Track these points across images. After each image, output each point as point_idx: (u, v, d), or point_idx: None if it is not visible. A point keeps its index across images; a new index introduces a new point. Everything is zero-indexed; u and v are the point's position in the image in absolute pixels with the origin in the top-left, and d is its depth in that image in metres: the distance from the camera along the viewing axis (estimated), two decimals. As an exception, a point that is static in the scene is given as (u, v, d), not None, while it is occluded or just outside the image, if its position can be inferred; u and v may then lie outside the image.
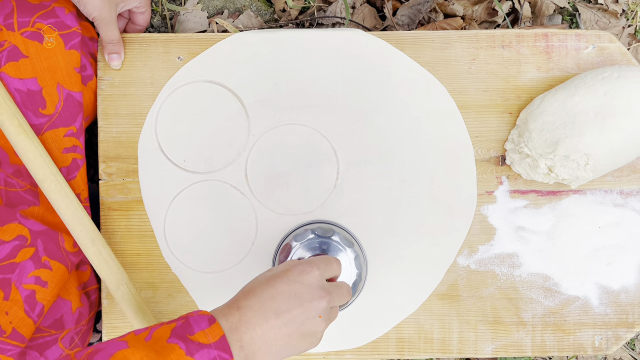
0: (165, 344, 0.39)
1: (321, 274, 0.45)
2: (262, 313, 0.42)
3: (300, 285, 0.43)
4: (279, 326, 0.42)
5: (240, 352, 0.41)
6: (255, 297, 0.42)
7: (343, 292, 0.47)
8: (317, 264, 0.45)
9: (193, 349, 0.39)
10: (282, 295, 0.42)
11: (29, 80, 0.56)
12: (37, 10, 0.57)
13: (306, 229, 0.58)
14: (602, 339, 0.63)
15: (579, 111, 0.58)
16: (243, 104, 0.63)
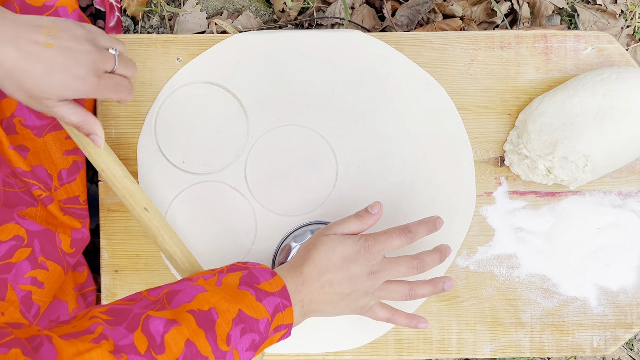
0: (237, 290, 0.45)
1: (374, 256, 0.51)
2: (320, 281, 0.50)
3: (353, 265, 0.50)
4: (331, 293, 0.50)
5: (301, 310, 0.49)
6: (316, 267, 0.50)
7: (398, 270, 0.52)
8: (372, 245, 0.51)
9: (262, 296, 0.46)
10: (338, 270, 0.50)
11: None
12: (40, 13, 0.56)
13: (305, 230, 0.58)
14: (601, 339, 0.63)
15: (578, 113, 0.58)
16: (242, 105, 0.63)
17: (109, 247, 0.63)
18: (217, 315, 0.43)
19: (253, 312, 0.45)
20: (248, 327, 0.44)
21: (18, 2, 0.56)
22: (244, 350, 0.44)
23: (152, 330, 0.40)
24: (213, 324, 0.43)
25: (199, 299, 0.44)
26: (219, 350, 0.43)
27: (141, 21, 0.75)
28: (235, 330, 0.44)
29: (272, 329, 0.46)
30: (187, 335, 0.41)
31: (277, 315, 0.46)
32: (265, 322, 0.45)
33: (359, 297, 0.51)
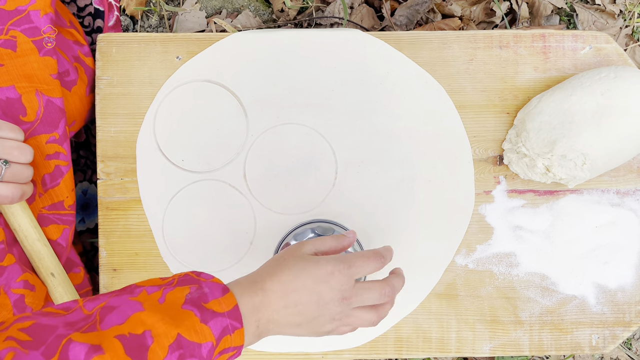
0: (179, 309, 0.41)
1: (348, 279, 0.46)
2: (283, 301, 0.44)
3: (325, 285, 0.45)
4: (294, 314, 0.45)
5: (256, 331, 0.44)
6: (281, 285, 0.45)
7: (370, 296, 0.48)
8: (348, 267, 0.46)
9: (207, 316, 0.41)
10: (306, 290, 0.45)
11: (7, 89, 0.55)
12: (12, 17, 0.55)
13: (306, 228, 0.58)
14: (599, 338, 0.63)
15: (576, 111, 0.58)
16: (242, 103, 0.63)
17: (107, 245, 0.63)
18: (152, 339, 0.39)
19: (195, 335, 0.40)
20: (187, 352, 0.39)
21: None
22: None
23: (70, 357, 0.36)
24: (145, 349, 0.38)
25: (132, 320, 0.39)
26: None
27: (140, 20, 0.75)
28: (171, 357, 0.39)
29: (216, 352, 0.41)
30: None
31: (224, 338, 0.41)
32: (209, 347, 0.40)
33: (324, 323, 0.46)
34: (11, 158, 0.50)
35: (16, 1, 0.55)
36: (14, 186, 0.51)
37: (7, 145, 0.50)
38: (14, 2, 0.55)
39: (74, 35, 0.62)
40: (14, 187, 0.51)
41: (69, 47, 0.60)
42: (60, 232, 0.58)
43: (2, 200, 0.50)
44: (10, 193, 0.50)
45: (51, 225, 0.58)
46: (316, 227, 0.58)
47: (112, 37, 0.63)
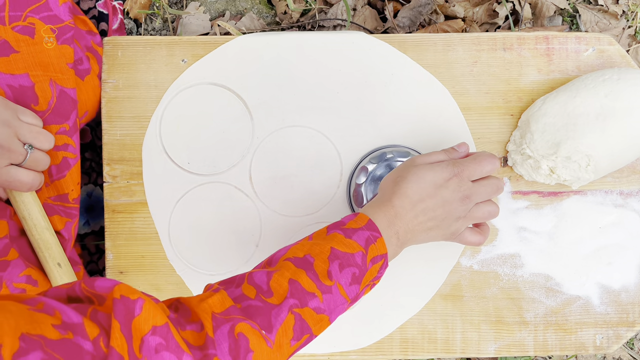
0: (325, 236, 0.48)
1: (464, 181, 0.52)
2: (413, 211, 0.50)
3: (445, 190, 0.51)
4: (424, 221, 0.51)
5: (397, 241, 0.50)
6: (407, 199, 0.50)
7: (487, 190, 0.53)
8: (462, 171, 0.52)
9: (349, 233, 0.47)
10: (430, 197, 0.50)
11: (21, 76, 0.54)
12: (30, 4, 0.55)
13: (383, 152, 0.61)
14: (603, 338, 0.64)
15: (580, 113, 0.58)
16: (247, 106, 0.63)
17: (113, 248, 0.63)
18: (313, 258, 0.45)
19: (345, 247, 0.46)
20: (344, 261, 0.45)
21: None
22: (347, 284, 0.45)
23: (257, 281, 0.43)
24: (310, 264, 0.45)
25: (292, 250, 0.47)
26: (323, 285, 0.44)
27: (144, 23, 0.75)
28: (333, 265, 0.45)
29: (368, 260, 0.47)
30: (288, 276, 0.44)
31: (370, 247, 0.47)
32: (361, 255, 0.46)
33: (451, 222, 0.52)
34: (36, 143, 0.51)
35: None
36: (34, 173, 0.51)
37: (34, 130, 0.51)
38: None
39: (87, 24, 0.62)
40: (34, 174, 0.51)
41: (82, 36, 0.60)
42: (64, 224, 0.58)
43: (21, 186, 0.51)
44: (30, 180, 0.51)
45: (55, 215, 0.58)
46: (392, 151, 0.60)
47: (117, 41, 0.63)
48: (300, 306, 0.43)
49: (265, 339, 0.41)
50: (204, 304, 0.41)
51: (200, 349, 0.38)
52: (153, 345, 0.35)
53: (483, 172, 0.53)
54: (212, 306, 0.41)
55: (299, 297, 0.43)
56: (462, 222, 0.53)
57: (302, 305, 0.43)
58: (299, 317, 0.43)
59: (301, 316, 0.43)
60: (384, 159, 0.60)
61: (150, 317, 0.36)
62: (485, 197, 0.53)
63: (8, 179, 0.50)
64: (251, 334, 0.40)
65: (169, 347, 0.35)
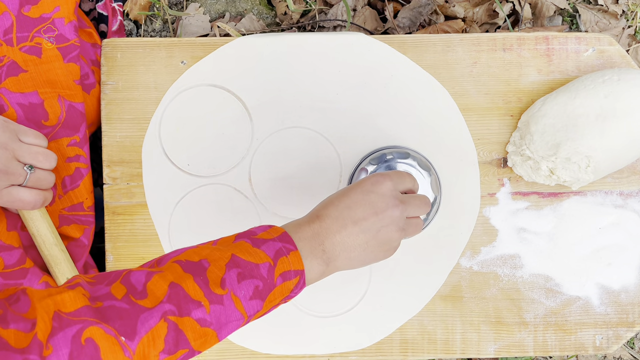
0: (231, 243, 0.42)
1: (394, 185, 0.47)
2: (340, 221, 0.44)
3: (374, 195, 0.45)
4: (357, 233, 0.44)
5: (323, 256, 0.43)
6: (333, 207, 0.45)
7: (419, 203, 0.49)
8: (389, 176, 0.47)
9: (258, 243, 0.42)
10: (358, 204, 0.45)
11: (30, 94, 0.56)
12: (37, 25, 0.57)
13: (382, 153, 0.60)
14: (603, 338, 0.64)
15: (580, 114, 0.58)
16: (246, 107, 0.63)
17: (113, 249, 0.63)
18: (208, 263, 0.39)
19: (249, 256, 0.40)
20: (246, 272, 0.39)
21: (15, 13, 0.56)
22: (246, 297, 0.39)
23: (132, 280, 0.37)
24: (203, 270, 0.39)
25: (187, 253, 0.40)
26: (213, 293, 0.38)
27: (143, 25, 0.75)
28: (230, 274, 0.39)
29: (276, 275, 0.41)
30: (170, 279, 0.38)
31: (280, 259, 0.41)
32: (267, 267, 0.40)
33: (390, 232, 0.45)
34: (36, 163, 0.51)
35: (40, 9, 0.56)
36: (37, 192, 0.52)
37: (33, 150, 0.51)
38: (39, 10, 0.56)
39: (92, 37, 0.63)
40: (37, 193, 0.52)
41: (87, 50, 0.61)
42: (82, 232, 0.60)
43: (24, 205, 0.51)
44: (32, 199, 0.51)
45: (72, 224, 0.59)
46: (392, 152, 0.59)
47: (116, 42, 0.63)
48: (179, 314, 0.37)
49: (122, 347, 0.35)
50: (49, 300, 0.34)
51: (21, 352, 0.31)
52: None
53: (407, 182, 0.49)
54: (59, 304, 0.34)
55: (178, 304, 0.37)
56: (402, 235, 0.47)
57: (181, 313, 0.37)
58: (174, 326, 0.37)
59: (177, 326, 0.37)
60: (383, 160, 0.60)
61: None
62: (418, 210, 0.48)
63: (10, 200, 0.50)
64: (103, 341, 0.34)
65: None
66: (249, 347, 0.62)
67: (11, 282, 0.53)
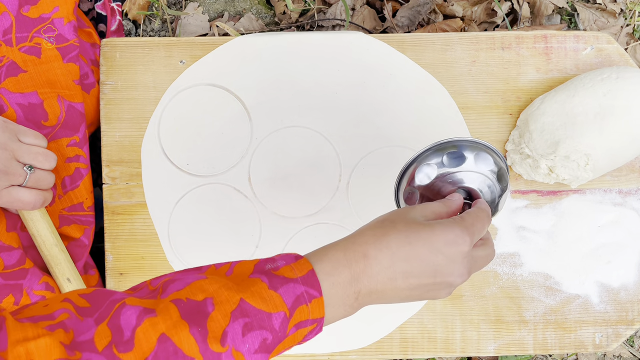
0: (246, 278, 0.35)
1: (469, 246, 0.39)
2: (390, 272, 0.37)
3: (443, 257, 0.37)
4: (402, 289, 0.38)
5: (354, 303, 0.37)
6: (389, 251, 0.37)
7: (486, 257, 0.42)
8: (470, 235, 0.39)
9: (277, 283, 0.35)
10: (419, 262, 0.37)
11: (29, 94, 0.56)
12: (36, 25, 0.57)
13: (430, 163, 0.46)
14: (603, 336, 0.64)
15: (579, 112, 0.58)
16: (245, 107, 0.63)
17: (113, 249, 0.63)
18: (213, 306, 0.33)
19: (262, 303, 0.34)
20: (255, 322, 0.34)
21: (14, 13, 0.56)
22: (250, 352, 0.34)
23: (121, 322, 0.32)
24: (204, 316, 0.33)
25: (192, 286, 0.34)
26: (209, 350, 0.32)
27: (142, 24, 0.75)
28: (234, 325, 0.33)
29: (290, 325, 0.35)
30: (161, 329, 0.32)
31: (299, 308, 0.35)
32: (282, 317, 0.34)
33: (440, 289, 0.39)
34: (36, 164, 0.51)
35: (40, 9, 0.56)
36: (36, 192, 0.52)
37: (33, 151, 0.51)
38: (38, 10, 0.56)
39: (91, 37, 0.63)
40: (36, 193, 0.52)
41: (87, 50, 0.61)
42: (82, 232, 0.60)
43: (24, 206, 0.51)
44: (32, 199, 0.51)
45: (72, 225, 0.59)
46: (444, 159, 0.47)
47: (115, 42, 0.63)
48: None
49: None
50: (20, 349, 0.29)
51: None
52: None
53: (484, 231, 0.41)
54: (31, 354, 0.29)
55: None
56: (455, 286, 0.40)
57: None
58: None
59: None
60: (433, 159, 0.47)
61: None
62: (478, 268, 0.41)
63: (9, 200, 0.50)
64: None
65: None
66: (249, 347, 0.62)
67: (11, 282, 0.53)
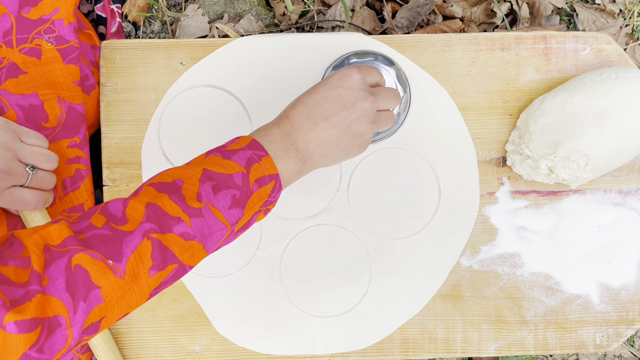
0: (202, 159, 0.43)
1: (362, 77, 0.46)
2: (310, 118, 0.44)
3: (342, 89, 0.45)
4: (328, 128, 0.45)
5: (297, 154, 0.44)
6: (302, 106, 0.45)
7: (388, 94, 0.48)
8: (356, 69, 0.47)
9: (228, 154, 0.42)
10: (327, 100, 0.45)
11: (30, 96, 0.56)
12: (36, 26, 0.57)
13: (343, 59, 0.59)
14: (603, 336, 0.64)
15: (579, 112, 0.58)
16: (245, 108, 0.63)
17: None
18: (182, 182, 0.40)
19: (222, 169, 0.41)
20: (220, 183, 0.41)
21: (14, 15, 0.56)
22: (225, 207, 0.40)
23: (111, 210, 0.39)
24: (177, 188, 0.40)
25: (160, 176, 0.42)
26: (190, 208, 0.39)
27: (142, 26, 0.75)
28: (205, 187, 0.40)
29: (251, 182, 0.42)
30: (146, 200, 0.39)
31: (253, 166, 0.42)
32: (241, 175, 0.41)
33: (361, 125, 0.46)
34: (38, 164, 0.52)
35: (40, 10, 0.57)
36: (38, 193, 0.52)
37: (35, 151, 0.52)
38: (38, 12, 0.57)
39: (91, 39, 0.63)
40: (38, 193, 0.52)
41: (87, 52, 0.61)
42: None
43: (26, 206, 0.51)
44: (34, 200, 0.51)
45: None
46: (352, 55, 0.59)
47: (115, 44, 0.63)
48: (161, 232, 0.38)
49: (112, 269, 0.36)
50: (36, 236, 0.36)
51: (23, 285, 0.33)
52: None
53: (374, 75, 0.49)
54: (46, 238, 0.36)
55: (158, 222, 0.38)
56: (374, 127, 0.47)
57: (163, 230, 0.38)
58: (159, 243, 0.38)
59: (161, 242, 0.38)
60: (347, 64, 0.58)
61: None
62: (388, 103, 0.48)
63: (11, 200, 0.50)
64: (91, 265, 0.36)
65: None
66: (249, 348, 0.62)
67: None
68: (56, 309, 0.34)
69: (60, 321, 0.34)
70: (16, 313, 0.32)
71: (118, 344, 0.62)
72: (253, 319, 0.62)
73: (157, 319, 0.62)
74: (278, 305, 0.62)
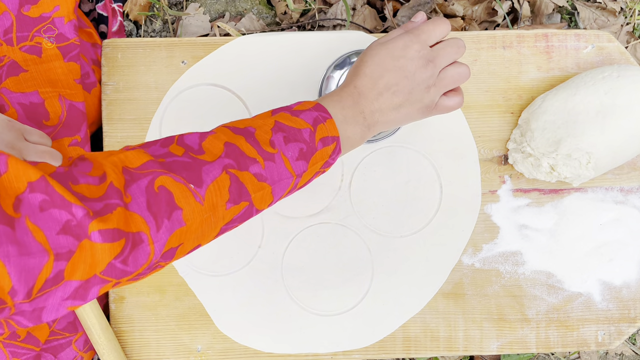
0: (271, 116, 0.44)
1: (421, 46, 0.48)
2: (375, 90, 0.47)
3: (404, 59, 0.48)
4: (391, 97, 0.48)
5: (365, 122, 0.47)
6: (367, 77, 0.48)
7: (450, 51, 0.50)
8: (417, 36, 0.48)
9: (296, 112, 0.44)
10: (389, 72, 0.47)
11: (31, 94, 0.56)
12: (36, 24, 0.57)
13: (344, 58, 0.60)
14: (605, 334, 0.64)
15: (580, 110, 0.58)
16: (247, 106, 0.63)
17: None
18: (254, 129, 0.42)
19: (292, 123, 0.43)
20: (290, 135, 0.42)
21: (15, 13, 0.56)
22: (293, 158, 0.42)
23: (187, 142, 0.40)
24: (251, 133, 0.42)
25: (232, 123, 0.43)
26: (265, 151, 0.41)
27: (143, 25, 0.75)
28: (277, 136, 0.42)
29: (317, 139, 0.44)
30: (224, 139, 0.40)
31: (319, 126, 0.44)
32: (308, 132, 0.43)
33: (421, 94, 0.49)
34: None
35: (40, 8, 0.57)
36: None
37: (39, 149, 0.52)
38: (38, 9, 0.57)
39: (92, 37, 0.63)
40: None
41: (88, 50, 0.61)
42: None
43: None
44: None
45: None
46: (353, 53, 0.60)
47: (117, 43, 0.63)
48: (238, 168, 0.39)
49: (193, 193, 0.37)
50: (114, 157, 0.36)
51: (100, 199, 0.33)
52: (36, 203, 0.30)
53: (438, 33, 0.50)
54: (124, 160, 0.36)
55: (236, 159, 0.39)
56: (434, 91, 0.49)
57: (240, 167, 0.39)
58: (236, 178, 0.39)
59: (239, 179, 0.39)
60: (348, 63, 0.60)
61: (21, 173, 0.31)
62: (449, 58, 0.50)
63: None
64: (174, 187, 0.36)
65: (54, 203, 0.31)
66: (251, 346, 0.63)
67: None
68: (139, 225, 0.34)
69: (143, 237, 0.34)
70: (100, 222, 0.32)
71: (120, 342, 0.62)
72: (255, 318, 0.62)
73: (160, 317, 0.62)
74: (280, 303, 0.62)
